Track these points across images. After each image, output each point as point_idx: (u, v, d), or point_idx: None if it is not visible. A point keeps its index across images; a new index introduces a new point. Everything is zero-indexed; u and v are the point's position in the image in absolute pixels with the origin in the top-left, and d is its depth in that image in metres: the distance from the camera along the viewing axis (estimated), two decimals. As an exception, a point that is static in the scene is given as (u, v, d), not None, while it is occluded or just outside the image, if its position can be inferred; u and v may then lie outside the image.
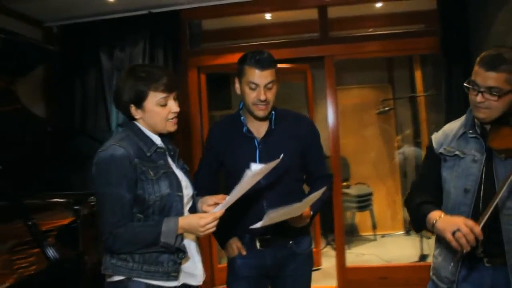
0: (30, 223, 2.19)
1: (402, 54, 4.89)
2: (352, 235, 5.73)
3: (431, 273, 1.82)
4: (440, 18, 3.65)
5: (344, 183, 5.60)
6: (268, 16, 4.34)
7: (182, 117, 4.03)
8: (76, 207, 2.39)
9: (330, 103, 4.04)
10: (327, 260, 4.70)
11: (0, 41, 2.12)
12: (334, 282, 4.08)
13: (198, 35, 4.37)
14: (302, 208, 1.75)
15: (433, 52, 3.84)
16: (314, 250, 4.59)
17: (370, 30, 4.26)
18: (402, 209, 5.54)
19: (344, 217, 5.69)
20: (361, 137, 6.01)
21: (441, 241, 1.77)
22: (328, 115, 4.06)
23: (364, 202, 5.47)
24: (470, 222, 1.47)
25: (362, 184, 5.71)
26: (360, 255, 4.95)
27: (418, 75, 5.46)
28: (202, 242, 4.02)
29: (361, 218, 5.81)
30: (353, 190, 5.55)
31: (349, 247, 5.22)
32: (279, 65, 4.46)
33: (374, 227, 5.56)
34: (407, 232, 5.47)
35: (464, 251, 1.47)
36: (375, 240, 5.53)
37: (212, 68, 4.19)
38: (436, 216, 1.57)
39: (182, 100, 3.93)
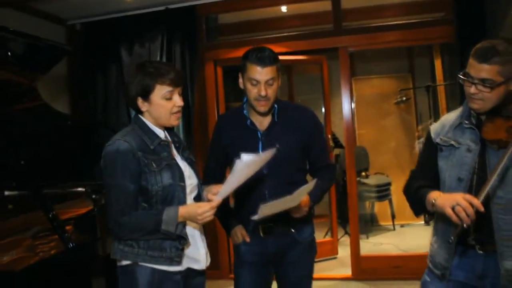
0: (50, 215, 2.34)
1: (416, 43, 4.85)
2: (371, 224, 5.76)
3: (428, 260, 1.87)
4: (456, 7, 3.63)
5: (363, 173, 5.63)
6: (283, 8, 4.40)
7: (199, 109, 4.17)
8: (94, 196, 2.53)
9: (344, 93, 4.07)
10: (344, 249, 4.75)
11: (22, 45, 2.26)
12: (349, 271, 4.14)
13: (215, 29, 4.47)
14: (295, 199, 1.82)
15: (449, 41, 3.82)
16: (330, 239, 4.74)
17: (388, 20, 4.25)
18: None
19: (363, 206, 5.73)
20: (380, 127, 6.00)
21: (437, 228, 1.82)
22: (343, 105, 4.09)
23: (383, 192, 5.48)
24: (469, 196, 1.50)
25: (381, 174, 5.71)
26: (378, 245, 4.99)
27: (438, 64, 5.40)
28: (221, 236, 4.15)
29: (381, 208, 5.83)
30: (372, 180, 5.57)
31: (367, 237, 5.26)
32: (296, 57, 4.56)
33: (393, 217, 5.56)
34: (427, 223, 5.45)
35: (465, 225, 1.49)
36: (393, 230, 5.54)
37: (229, 61, 4.26)
38: (435, 195, 1.61)
39: (199, 93, 4.11)
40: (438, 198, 1.59)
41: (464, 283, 1.71)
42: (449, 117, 1.83)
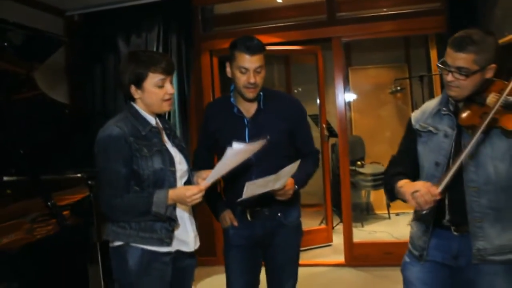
0: (49, 203, 2.44)
1: (410, 33, 4.91)
2: (367, 213, 5.85)
3: (408, 242, 1.95)
4: (447, -3, 3.67)
5: (359, 162, 5.70)
6: (279, -1, 4.45)
7: (195, 98, 4.24)
8: (90, 182, 2.62)
9: (338, 83, 4.13)
10: (339, 237, 4.83)
11: (20, 35, 2.33)
12: (343, 258, 4.23)
13: (211, 19, 4.53)
14: (280, 180, 1.89)
15: (441, 31, 3.87)
16: (325, 227, 4.82)
17: (381, 10, 4.30)
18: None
19: (359, 195, 5.82)
20: (376, 116, 6.07)
21: (416, 212, 1.89)
22: (337, 95, 4.15)
23: (378, 181, 5.54)
24: (428, 184, 1.59)
25: (377, 163, 5.78)
26: (372, 233, 5.08)
27: (433, 54, 5.44)
28: (216, 224, 4.23)
29: (376, 197, 5.91)
30: (368, 169, 5.64)
31: (362, 225, 5.35)
32: (290, 47, 4.61)
33: (388, 205, 5.64)
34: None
35: (424, 211, 1.58)
36: (389, 218, 5.62)
37: (224, 51, 4.30)
38: (402, 183, 1.70)
39: (195, 83, 4.17)
40: (403, 186, 1.68)
41: (441, 263, 1.78)
42: (429, 105, 1.90)
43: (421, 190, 1.57)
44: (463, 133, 1.73)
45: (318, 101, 5.03)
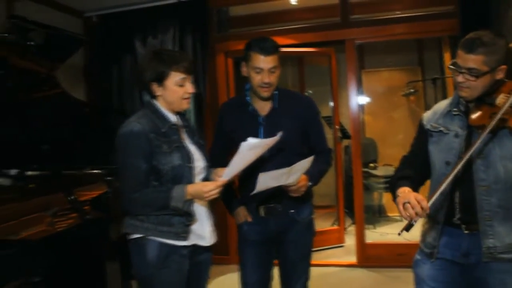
0: (70, 198, 2.54)
1: (422, 36, 4.94)
2: (379, 215, 5.85)
3: (420, 240, 1.98)
4: (460, 0, 3.67)
5: (371, 164, 5.72)
6: (293, 1, 4.49)
7: (211, 99, 4.31)
8: (108, 178, 2.70)
9: (351, 85, 4.17)
10: (351, 238, 4.86)
11: (43, 35, 2.42)
12: (355, 258, 4.26)
13: (226, 21, 4.60)
14: (292, 173, 1.94)
15: (454, 34, 3.89)
16: (337, 228, 4.85)
17: (397, 13, 4.32)
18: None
19: (371, 197, 5.82)
20: (389, 119, 6.08)
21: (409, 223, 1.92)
22: (350, 97, 4.19)
23: (391, 183, 5.54)
24: (420, 197, 1.63)
25: (390, 166, 5.78)
26: (384, 234, 5.08)
27: (447, 56, 5.44)
28: (230, 221, 4.30)
29: (389, 199, 5.87)
30: (380, 171, 5.65)
31: (375, 227, 5.36)
32: (304, 49, 4.65)
33: (401, 207, 5.63)
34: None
35: (413, 221, 1.62)
36: (401, 221, 5.61)
37: (239, 52, 4.37)
38: (401, 191, 1.73)
39: (210, 83, 4.24)
40: (400, 194, 1.71)
41: (450, 261, 1.81)
42: (441, 105, 1.93)
43: (411, 202, 1.62)
44: (474, 133, 1.76)
45: (331, 103, 5.07)
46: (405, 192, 1.71)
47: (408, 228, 1.65)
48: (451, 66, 1.78)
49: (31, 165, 2.67)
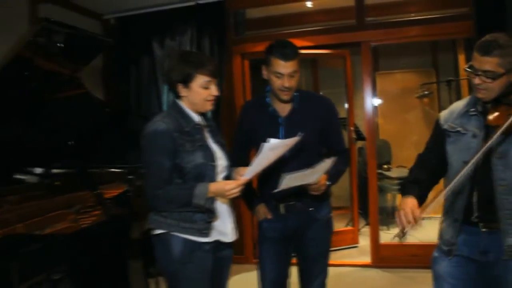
0: (96, 195, 2.63)
1: (437, 38, 4.94)
2: (393, 217, 5.85)
3: (438, 238, 2.02)
4: (476, 2, 3.69)
5: (385, 166, 5.73)
6: (308, 3, 4.54)
7: (227, 100, 4.37)
8: (130, 177, 2.77)
9: (366, 87, 4.20)
10: (364, 239, 4.89)
11: (71, 37, 2.48)
12: (369, 259, 4.29)
13: (242, 23, 4.66)
14: (314, 175, 1.99)
15: (469, 36, 3.90)
16: (351, 228, 4.88)
17: (410, 15, 4.35)
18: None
19: (385, 199, 5.83)
20: (403, 120, 6.09)
21: (446, 209, 1.96)
22: (365, 99, 4.22)
23: (405, 185, 5.55)
24: (415, 206, 1.73)
25: (403, 167, 5.79)
26: (398, 236, 5.09)
27: (461, 58, 5.45)
28: (245, 222, 4.35)
29: (402, 201, 5.90)
30: (394, 173, 5.66)
31: (388, 228, 5.36)
32: (319, 51, 4.69)
33: (414, 209, 5.63)
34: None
35: (405, 229, 1.70)
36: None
37: (255, 54, 4.44)
38: (404, 198, 1.81)
39: (227, 85, 4.30)
40: (402, 201, 1.80)
41: (468, 258, 1.85)
42: (458, 105, 1.96)
43: (405, 211, 1.70)
44: (491, 133, 1.79)
45: (345, 104, 5.10)
46: (406, 199, 1.78)
47: (401, 235, 1.73)
48: (467, 69, 1.81)
49: (56, 163, 2.74)
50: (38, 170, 2.62)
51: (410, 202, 1.75)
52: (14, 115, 2.48)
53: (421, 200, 1.83)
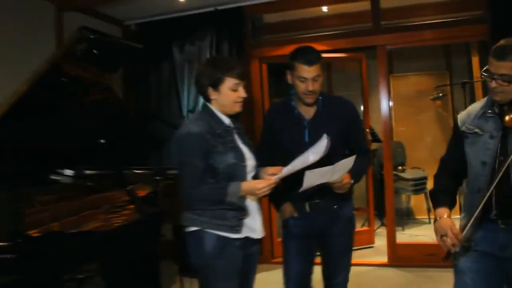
0: (128, 188, 2.76)
1: (452, 41, 5.03)
2: (407, 218, 5.93)
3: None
4: (491, 5, 3.77)
5: (400, 167, 5.80)
6: (324, 8, 4.65)
7: (246, 103, 4.47)
8: (156, 177, 2.87)
9: (382, 91, 4.28)
10: (380, 239, 4.98)
11: (105, 45, 2.58)
12: (385, 259, 4.37)
13: (260, 28, 4.77)
14: (336, 171, 2.09)
15: (484, 39, 3.97)
16: (367, 229, 4.96)
17: (425, 18, 4.42)
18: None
19: (399, 200, 5.90)
20: (417, 122, 6.15)
21: (465, 205, 2.04)
22: (381, 102, 4.30)
23: (419, 186, 5.63)
24: (456, 230, 1.83)
25: (418, 169, 5.86)
26: (413, 236, 5.16)
27: (475, 61, 5.52)
28: (264, 222, 4.43)
29: (417, 202, 5.99)
30: (408, 174, 5.72)
31: (403, 229, 5.44)
32: (335, 55, 4.79)
33: (429, 210, 5.70)
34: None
35: (452, 251, 1.84)
36: (429, 223, 5.67)
37: (273, 58, 4.56)
38: (439, 213, 1.91)
39: (245, 88, 4.39)
40: (438, 219, 1.90)
41: (487, 253, 1.92)
42: (475, 107, 2.03)
43: (448, 235, 1.82)
44: (509, 134, 1.87)
45: (361, 107, 5.18)
46: (442, 219, 1.89)
47: (447, 256, 1.90)
48: (484, 73, 1.89)
49: (87, 164, 2.86)
50: (71, 172, 2.73)
51: (449, 224, 1.85)
52: (48, 118, 2.59)
53: (452, 206, 1.96)
